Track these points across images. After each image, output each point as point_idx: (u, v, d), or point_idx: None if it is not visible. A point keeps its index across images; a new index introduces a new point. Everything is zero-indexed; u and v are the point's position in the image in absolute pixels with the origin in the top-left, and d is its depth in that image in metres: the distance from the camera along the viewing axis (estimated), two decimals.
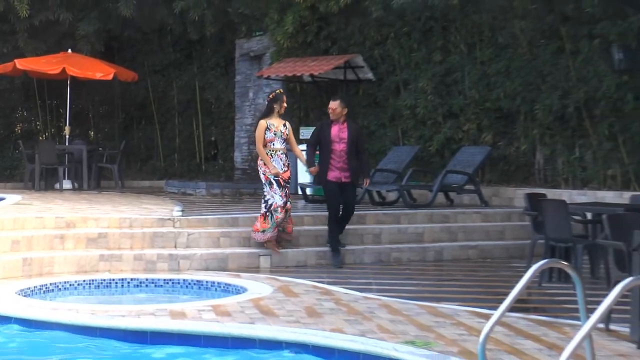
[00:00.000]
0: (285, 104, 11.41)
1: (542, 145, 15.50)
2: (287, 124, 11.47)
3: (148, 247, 11.23)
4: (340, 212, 11.69)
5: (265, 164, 11.30)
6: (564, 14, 14.98)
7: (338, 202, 11.55)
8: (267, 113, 11.41)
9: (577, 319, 6.11)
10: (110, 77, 18.60)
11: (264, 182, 11.36)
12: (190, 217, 11.98)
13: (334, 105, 11.59)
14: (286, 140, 11.38)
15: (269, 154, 11.24)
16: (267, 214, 11.28)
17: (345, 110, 11.70)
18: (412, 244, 12.64)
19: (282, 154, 11.31)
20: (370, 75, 17.18)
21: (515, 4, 15.39)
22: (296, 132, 18.12)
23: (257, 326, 7.40)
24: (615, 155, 14.54)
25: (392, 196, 15.29)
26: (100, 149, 20.25)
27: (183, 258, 11.01)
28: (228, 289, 9.82)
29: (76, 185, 18.53)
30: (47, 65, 18.59)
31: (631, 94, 14.10)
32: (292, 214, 11.72)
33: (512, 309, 7.56)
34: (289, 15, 17.70)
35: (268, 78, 18.01)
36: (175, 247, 11.33)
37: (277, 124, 11.31)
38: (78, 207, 13.11)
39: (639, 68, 14.07)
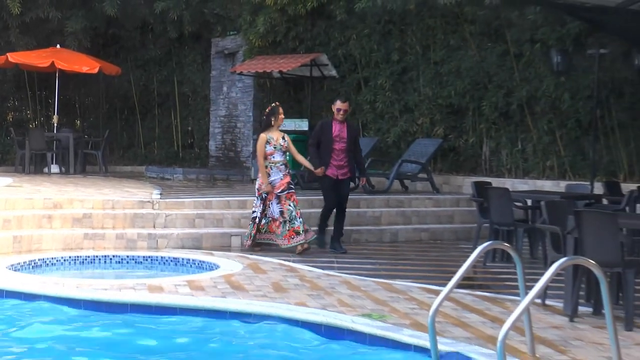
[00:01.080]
0: (282, 116, 10.81)
1: (488, 139, 15.59)
2: (286, 136, 10.85)
3: (129, 226, 11.15)
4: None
5: (262, 178, 10.70)
6: (509, 20, 15.07)
7: (334, 196, 10.96)
8: (266, 127, 10.77)
9: (517, 295, 6.18)
10: (96, 70, 18.39)
11: (256, 195, 10.80)
12: (168, 200, 11.91)
13: (344, 106, 10.95)
14: (286, 152, 10.75)
15: (269, 166, 10.62)
16: (250, 223, 10.90)
17: (350, 110, 11.01)
18: (370, 226, 12.67)
19: (281, 165, 10.68)
20: (334, 72, 17.14)
21: (465, 10, 15.46)
22: None
23: (228, 300, 7.40)
24: (553, 148, 14.69)
25: (352, 183, 15.27)
26: (85, 136, 20.04)
27: (161, 237, 10.95)
28: (202, 266, 9.79)
29: (63, 169, 18.32)
30: (37, 59, 18.34)
31: (568, 93, 14.25)
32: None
33: (459, 285, 7.64)
34: (261, 16, 17.62)
35: (241, 74, 17.91)
36: (154, 227, 11.26)
37: (277, 137, 10.69)
38: (65, 190, 12.97)
39: (575, 70, 14.20)
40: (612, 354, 4.87)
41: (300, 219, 10.65)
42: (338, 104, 10.90)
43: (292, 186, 10.76)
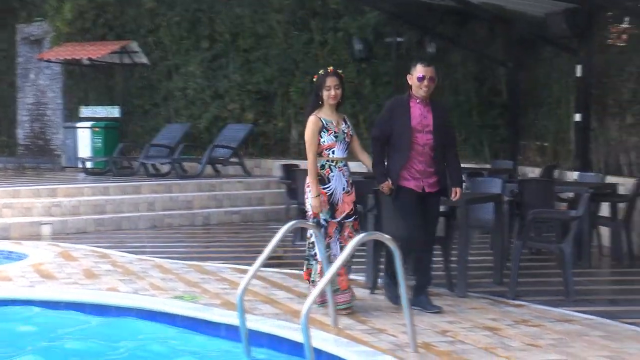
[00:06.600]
0: (336, 91, 6.35)
1: (297, 123, 15.83)
2: (347, 118, 6.59)
3: None
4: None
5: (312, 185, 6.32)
6: (313, 9, 15.40)
7: (415, 223, 6.42)
8: (316, 105, 6.45)
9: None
10: None
11: (309, 215, 6.42)
12: None
13: (430, 72, 6.39)
14: (349, 144, 6.49)
15: (326, 166, 6.34)
16: (307, 260, 6.46)
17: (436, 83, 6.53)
18: (182, 210, 12.57)
19: (344, 166, 6.42)
20: (144, 59, 16.85)
21: None
22: (75, 111, 17.56)
23: (36, 289, 7.13)
24: (358, 132, 14.98)
25: (165, 168, 15.12)
26: None
27: None
28: (10, 256, 9.33)
29: None
30: None
31: (369, 79, 14.75)
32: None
33: (269, 264, 7.77)
34: (67, 3, 17.06)
35: (49, 61, 17.26)
36: None
37: (336, 121, 6.42)
38: None
39: (375, 57, 14.70)
40: (405, 320, 5.11)
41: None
42: (419, 69, 6.39)
43: (358, 207, 6.67)
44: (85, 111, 17.04)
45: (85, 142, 16.28)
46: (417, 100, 6.42)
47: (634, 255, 8.78)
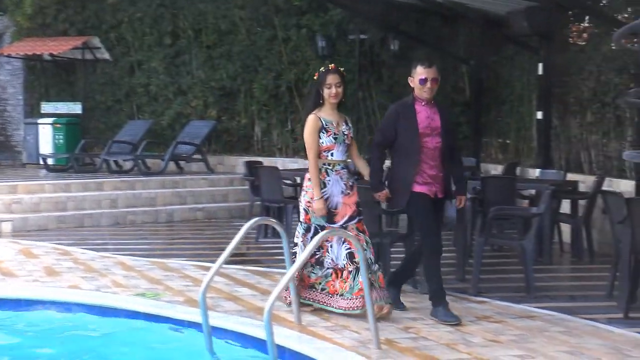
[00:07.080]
0: (337, 90, 6.06)
1: (260, 120, 15.81)
2: (348, 120, 6.37)
3: None
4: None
5: (311, 187, 6.12)
6: (277, 6, 15.38)
7: (435, 224, 6.14)
8: (316, 103, 6.17)
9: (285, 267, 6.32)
10: None
11: (301, 219, 6.29)
12: None
13: (432, 73, 6.09)
14: (349, 147, 6.26)
15: (322, 169, 6.12)
16: (312, 267, 6.19)
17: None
18: (145, 207, 12.48)
19: (342, 169, 6.17)
20: (107, 55, 16.69)
21: None
22: (37, 107, 17.34)
23: None
24: None
25: (128, 165, 14.98)
26: None
27: None
28: None
29: None
30: None
31: None
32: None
33: (232, 262, 7.78)
34: None
35: (9, 56, 17.02)
36: None
37: (337, 121, 6.14)
38: None
39: (338, 54, 14.71)
40: (368, 317, 5.13)
41: (380, 263, 6.47)
42: (420, 71, 6.09)
43: (361, 208, 6.25)
44: (46, 107, 16.84)
45: (46, 138, 16.10)
46: (423, 103, 6.12)
47: (594, 251, 8.90)
